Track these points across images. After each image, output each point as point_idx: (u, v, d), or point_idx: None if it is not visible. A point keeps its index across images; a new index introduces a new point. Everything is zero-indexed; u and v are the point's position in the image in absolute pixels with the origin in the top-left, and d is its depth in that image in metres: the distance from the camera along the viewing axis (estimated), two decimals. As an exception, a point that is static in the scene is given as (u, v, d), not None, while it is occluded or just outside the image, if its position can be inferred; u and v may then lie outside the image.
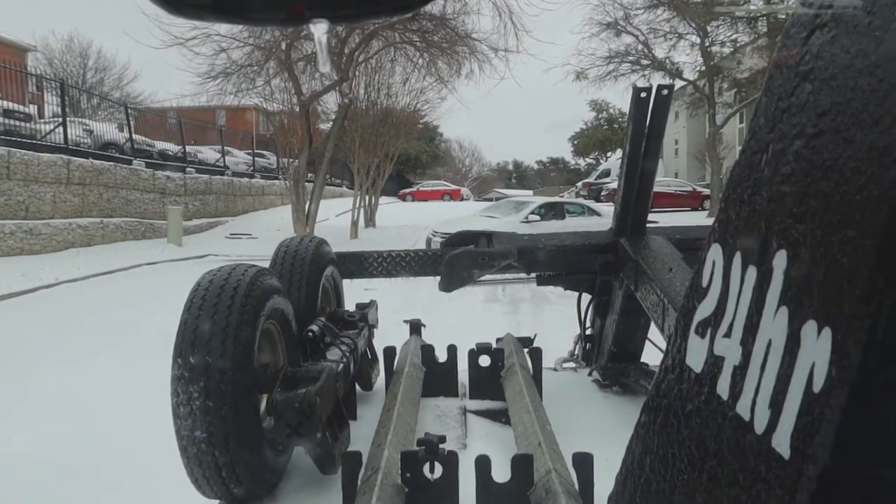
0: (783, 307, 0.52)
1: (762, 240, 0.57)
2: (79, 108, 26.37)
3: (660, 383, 0.73)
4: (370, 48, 20.25)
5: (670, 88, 2.71)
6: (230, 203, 24.88)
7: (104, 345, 7.64)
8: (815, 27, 0.55)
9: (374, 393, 2.63)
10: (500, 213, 19.75)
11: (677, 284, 2.27)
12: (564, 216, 19.02)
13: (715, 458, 0.59)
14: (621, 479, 0.81)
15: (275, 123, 24.62)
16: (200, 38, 17.51)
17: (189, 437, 1.60)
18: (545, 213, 19.14)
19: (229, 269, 1.79)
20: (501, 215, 19.05)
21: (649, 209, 2.87)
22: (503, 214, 19.15)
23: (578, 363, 3.21)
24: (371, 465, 1.62)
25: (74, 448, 4.61)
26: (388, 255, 2.99)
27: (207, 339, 1.61)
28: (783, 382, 0.50)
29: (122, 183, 18.19)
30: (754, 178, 0.60)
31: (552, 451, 1.69)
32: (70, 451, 4.57)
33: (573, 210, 19.97)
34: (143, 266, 15.14)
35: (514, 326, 7.45)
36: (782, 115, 0.57)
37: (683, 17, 26.35)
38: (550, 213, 19.17)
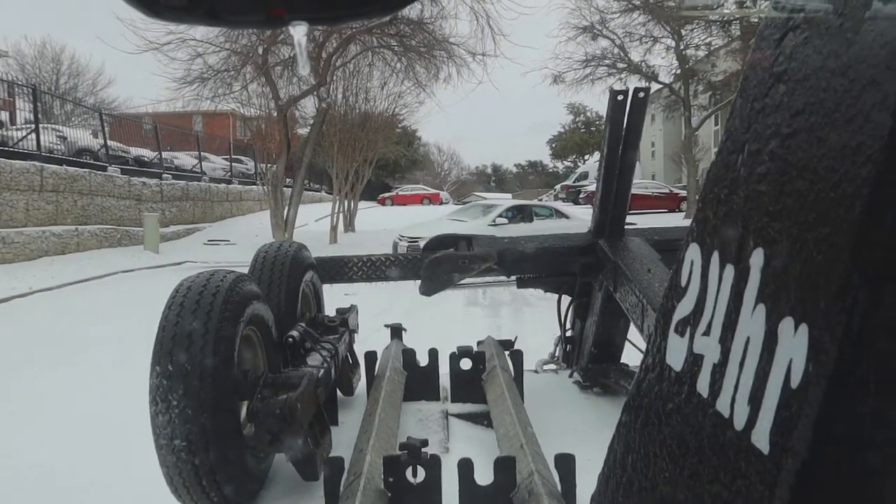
0: (760, 304, 0.52)
1: (739, 238, 0.57)
2: (52, 115, 26.02)
3: (640, 382, 0.74)
4: (348, 52, 20.21)
5: (646, 91, 2.74)
6: (207, 209, 24.66)
7: (79, 354, 7.53)
8: (788, 29, 0.56)
9: (355, 398, 2.62)
10: (467, 216, 19.73)
11: (656, 285, 2.29)
12: (532, 219, 19.04)
13: (696, 456, 0.59)
14: (603, 479, 0.82)
15: (252, 128, 24.46)
16: (176, 43, 17.39)
17: (168, 445, 1.58)
18: (513, 217, 19.14)
19: (208, 276, 1.77)
20: (469, 219, 19.03)
21: (627, 211, 2.89)
22: (471, 218, 19.14)
23: (559, 365, 3.23)
24: (353, 470, 1.61)
25: (40, 458, 4.53)
26: (368, 259, 2.98)
27: (186, 346, 1.60)
28: (761, 379, 0.50)
29: (97, 190, 17.96)
30: (731, 177, 0.61)
31: (534, 452, 1.70)
32: (35, 461, 4.48)
33: (541, 213, 20.00)
34: (119, 274, 14.95)
35: (495, 329, 7.47)
36: (757, 116, 0.58)
37: (658, 21, 26.63)
38: (518, 217, 19.18)
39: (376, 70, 22.03)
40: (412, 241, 16.52)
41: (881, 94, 0.43)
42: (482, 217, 18.99)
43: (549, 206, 22.25)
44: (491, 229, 16.69)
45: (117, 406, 4.61)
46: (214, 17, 0.52)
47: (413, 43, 19.42)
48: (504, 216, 19.04)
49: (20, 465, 4.41)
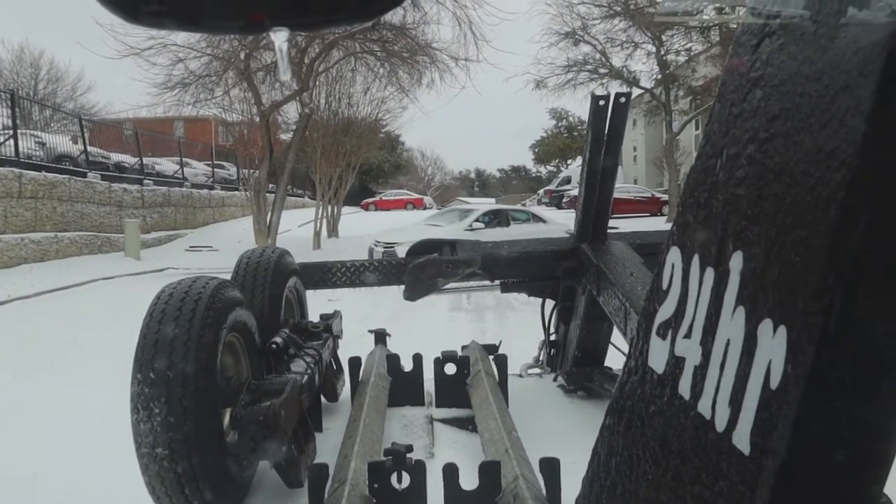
0: (740, 307, 0.53)
1: (719, 242, 0.58)
2: (30, 120, 25.70)
3: (623, 385, 0.74)
4: (330, 58, 20.17)
5: (628, 96, 2.76)
6: (189, 215, 24.48)
7: (58, 362, 7.44)
8: (765, 35, 0.57)
9: (339, 404, 2.61)
10: (444, 221, 19.64)
11: (638, 289, 2.30)
12: (509, 223, 19.02)
13: (678, 457, 0.60)
14: (588, 482, 0.82)
15: (234, 134, 24.33)
16: (157, 48, 17.26)
17: (150, 453, 1.57)
18: (490, 221, 19.10)
19: (190, 282, 1.76)
20: (446, 223, 18.92)
21: (610, 215, 2.91)
22: (447, 223, 19.04)
23: (543, 369, 3.24)
24: (338, 476, 1.61)
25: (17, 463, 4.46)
26: (351, 265, 2.98)
27: (168, 353, 1.58)
28: (742, 380, 0.51)
29: (76, 196, 17.76)
30: (710, 181, 0.62)
31: (519, 456, 1.70)
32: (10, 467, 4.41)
33: (518, 217, 19.97)
34: (100, 281, 14.80)
35: (479, 334, 7.46)
36: (735, 121, 0.59)
37: (639, 27, 26.84)
38: (495, 221, 19.13)
39: (359, 75, 22.03)
40: (388, 247, 16.46)
41: (855, 100, 0.43)
42: (459, 221, 18.92)
43: (527, 211, 22.22)
44: (468, 234, 16.64)
45: (96, 413, 4.56)
46: (194, 22, 0.52)
47: (396, 48, 19.43)
48: (481, 220, 18.99)
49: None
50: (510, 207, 23.59)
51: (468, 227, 18.24)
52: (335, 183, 25.03)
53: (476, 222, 18.75)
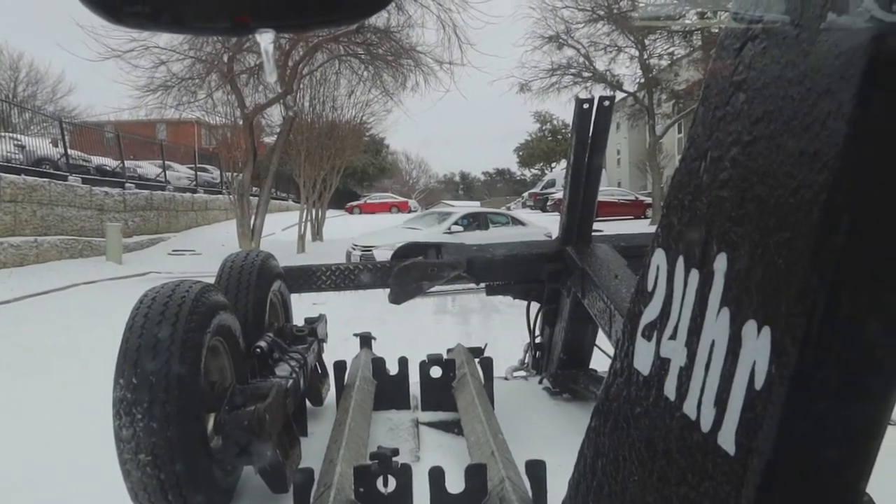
0: (725, 308, 0.53)
1: (703, 243, 0.58)
2: (9, 123, 25.41)
3: (609, 387, 0.75)
4: (315, 61, 20.13)
5: (612, 99, 2.77)
6: (172, 219, 24.29)
7: (39, 367, 7.35)
8: (748, 39, 0.57)
9: (324, 408, 2.60)
10: (422, 224, 19.59)
11: (623, 291, 2.31)
12: (488, 226, 18.96)
13: (664, 458, 0.60)
14: (574, 484, 0.82)
15: (218, 137, 24.20)
16: (139, 51, 17.14)
17: (133, 460, 1.55)
18: (468, 224, 19.04)
19: (173, 286, 1.75)
20: (424, 227, 18.89)
21: (594, 218, 2.92)
22: (426, 226, 19.00)
23: (529, 371, 3.24)
24: (323, 481, 1.60)
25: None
26: (336, 268, 2.97)
27: (151, 357, 1.57)
28: (727, 381, 0.51)
29: (57, 200, 17.57)
30: (694, 184, 0.62)
31: (505, 459, 1.70)
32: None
33: (497, 220, 19.92)
34: (81, 285, 14.63)
35: (465, 337, 7.46)
36: (719, 124, 0.59)
37: (622, 31, 27.03)
38: (474, 224, 19.07)
39: (343, 78, 22.00)
40: (365, 250, 16.42)
41: (836, 103, 0.44)
42: (437, 225, 18.86)
43: (506, 214, 22.25)
44: (446, 236, 16.58)
45: (77, 418, 4.51)
46: (179, 23, 0.51)
47: (380, 51, 19.42)
48: (459, 224, 18.92)
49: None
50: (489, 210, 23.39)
51: (447, 230, 18.17)
52: (319, 186, 24.96)
53: (455, 225, 18.69)
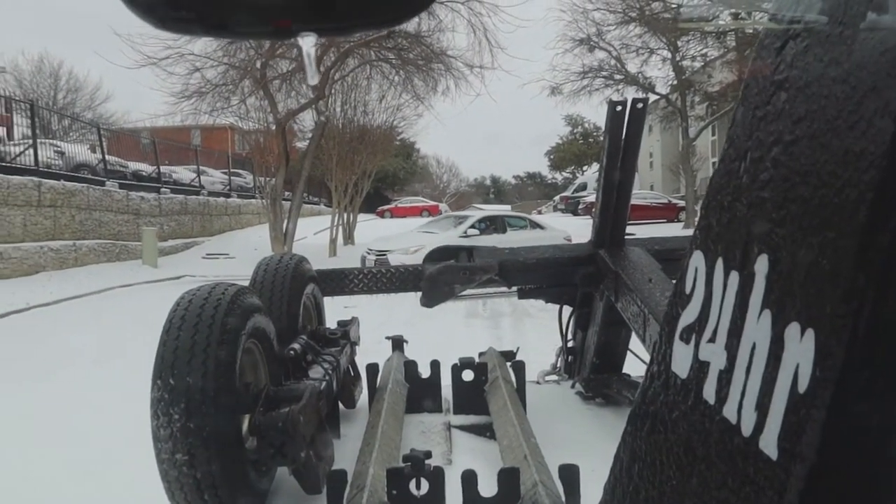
0: (766, 310, 0.52)
1: (743, 245, 0.58)
2: (50, 130, 26.07)
3: (646, 391, 0.74)
4: (346, 66, 20.29)
5: (645, 102, 2.75)
6: (206, 223, 24.66)
7: (76, 369, 7.50)
8: (789, 38, 0.57)
9: (357, 410, 2.62)
10: (438, 228, 19.39)
11: (657, 294, 2.29)
12: (506, 230, 18.61)
13: (703, 463, 0.59)
14: (609, 488, 0.81)
15: (251, 142, 24.52)
16: (174, 58, 17.45)
17: (170, 459, 1.58)
18: (485, 228, 18.74)
19: (209, 289, 1.77)
20: (440, 231, 18.68)
21: (627, 221, 2.90)
22: (441, 230, 18.79)
23: (561, 376, 3.22)
24: (356, 483, 1.61)
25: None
26: (368, 271, 2.99)
27: (188, 360, 1.59)
28: (768, 384, 0.50)
29: (94, 204, 17.96)
30: (733, 185, 0.61)
31: (538, 463, 1.69)
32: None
33: (515, 224, 19.59)
34: (118, 288, 14.92)
35: (496, 341, 7.45)
36: (759, 124, 0.59)
37: (654, 33, 26.79)
38: (491, 228, 18.77)
39: (374, 83, 22.15)
40: (380, 254, 16.38)
41: (882, 101, 0.43)
42: (453, 229, 18.64)
43: (524, 217, 21.83)
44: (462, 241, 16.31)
45: (115, 420, 4.60)
46: (222, 28, 0.52)
47: (411, 56, 19.52)
48: (476, 227, 18.65)
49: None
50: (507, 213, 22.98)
51: (462, 234, 17.88)
52: (351, 190, 25.14)
53: (471, 229, 18.41)
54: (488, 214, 20.72)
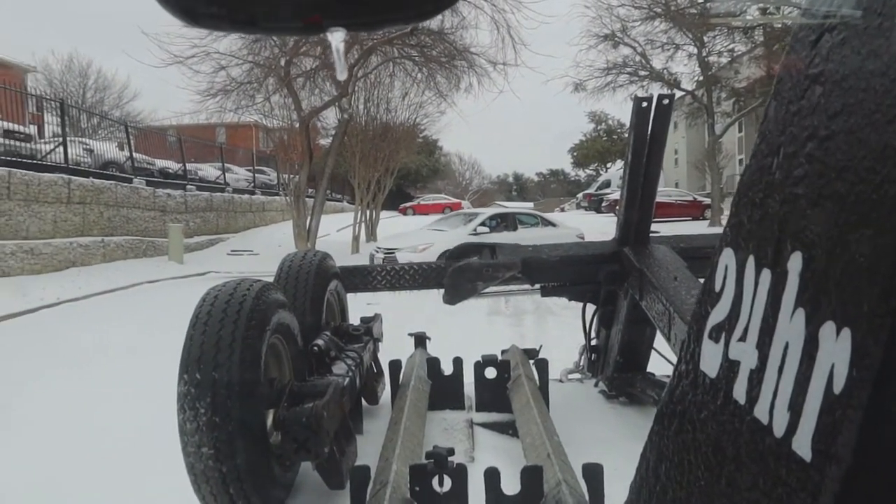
0: (800, 309, 0.51)
1: (776, 242, 0.57)
2: (79, 128, 26.48)
3: (673, 390, 0.73)
4: (369, 63, 20.35)
5: (671, 98, 2.72)
6: (231, 220, 24.91)
7: (104, 362, 7.62)
8: (825, 30, 0.56)
9: (379, 407, 2.62)
10: (447, 225, 19.06)
11: (683, 293, 2.26)
12: (516, 227, 18.25)
13: (733, 464, 0.58)
14: (635, 488, 0.81)
15: (275, 140, 24.70)
16: (200, 56, 17.63)
17: (196, 453, 1.59)
18: (495, 225, 18.39)
19: (234, 284, 1.79)
20: (449, 228, 18.37)
21: (652, 218, 2.87)
22: (451, 227, 18.48)
23: (584, 374, 3.21)
24: (379, 479, 1.61)
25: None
26: (391, 268, 2.99)
27: (214, 355, 1.61)
28: (802, 384, 0.49)
29: (122, 201, 18.22)
30: (766, 181, 0.60)
31: (561, 462, 1.68)
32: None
33: (526, 221, 19.21)
34: (145, 284, 15.14)
35: (518, 338, 7.43)
36: (793, 118, 0.57)
37: (680, 28, 26.51)
38: (501, 225, 18.40)
39: (397, 80, 22.19)
40: (388, 253, 16.29)
41: None
42: (463, 226, 18.27)
43: (535, 214, 21.26)
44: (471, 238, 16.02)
45: (146, 413, 4.66)
46: (252, 24, 0.52)
47: (434, 53, 19.52)
48: (486, 225, 18.29)
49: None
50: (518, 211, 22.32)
51: (472, 231, 17.51)
52: (373, 187, 25.22)
53: (481, 226, 18.07)
54: (499, 212, 20.23)
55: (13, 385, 6.81)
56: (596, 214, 34.04)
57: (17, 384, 6.85)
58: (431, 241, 15.34)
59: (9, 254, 13.63)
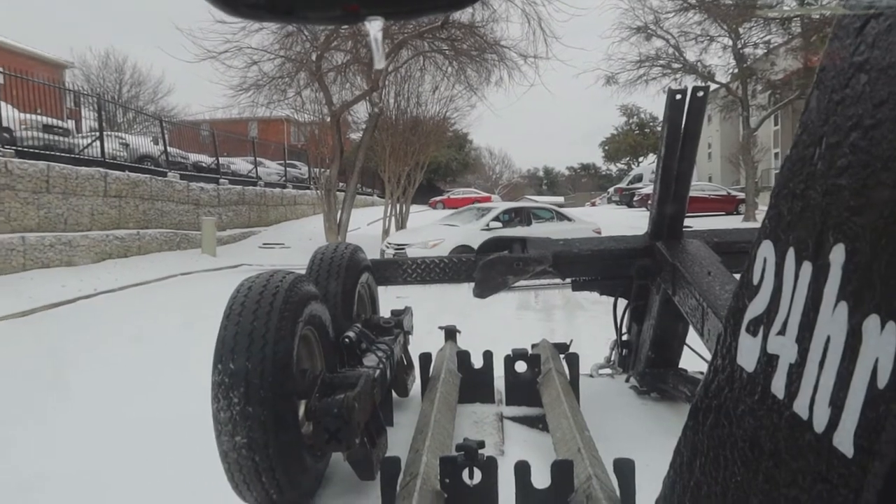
0: (842, 302, 0.50)
1: (817, 234, 0.56)
2: (115, 123, 26.96)
3: (709, 384, 0.72)
4: (400, 57, 20.37)
5: (706, 90, 2.67)
6: (262, 213, 25.17)
7: (139, 353, 7.77)
8: (870, 17, 0.54)
9: (409, 399, 2.63)
10: (459, 220, 18.57)
11: (717, 288, 2.23)
12: (531, 222, 17.83)
13: (771, 459, 0.58)
14: (669, 483, 0.80)
15: (306, 134, 24.86)
16: (232, 51, 17.80)
17: (230, 442, 1.61)
18: (509, 220, 17.88)
19: (268, 276, 1.80)
20: (461, 223, 17.93)
21: (685, 212, 2.83)
22: (463, 222, 17.97)
23: (615, 369, 3.18)
24: (409, 470, 1.62)
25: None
26: (422, 261, 3.00)
27: (247, 345, 1.62)
28: (844, 379, 0.49)
29: (157, 195, 18.52)
30: (807, 172, 0.59)
31: (592, 456, 1.67)
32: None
33: (541, 215, 18.75)
34: (178, 276, 15.38)
35: (548, 333, 7.40)
36: (836, 108, 0.56)
37: (715, 20, 26.08)
38: (516, 220, 17.91)
39: (428, 74, 22.17)
40: (398, 248, 16.14)
41: None
42: (475, 221, 17.80)
43: (550, 209, 20.68)
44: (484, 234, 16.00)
45: (182, 400, 4.75)
46: (290, 14, 0.53)
47: (464, 47, 19.46)
48: (499, 219, 17.81)
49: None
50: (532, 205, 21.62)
51: (485, 226, 16.89)
52: (404, 181, 25.27)
53: (494, 221, 17.52)
54: (514, 206, 19.57)
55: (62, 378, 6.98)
56: (627, 209, 33.72)
57: (72, 370, 7.02)
58: (443, 237, 14.97)
59: (48, 245, 13.94)
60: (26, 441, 5.14)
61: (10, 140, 14.56)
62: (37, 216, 13.98)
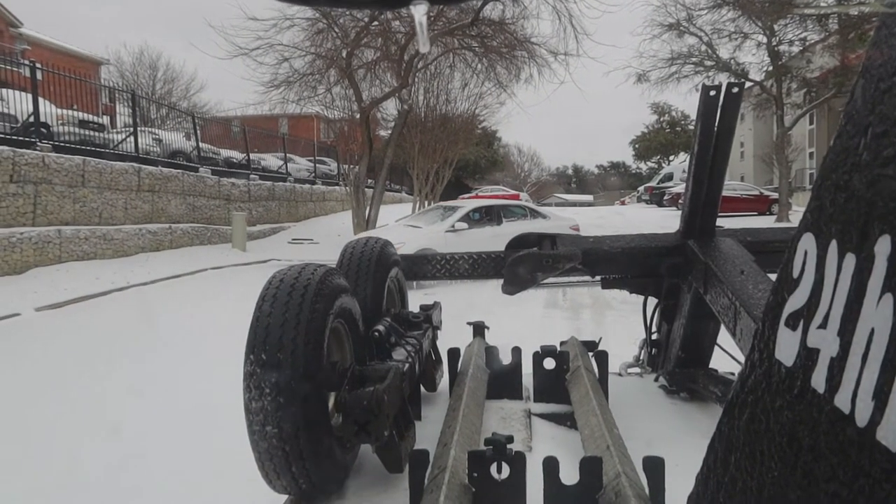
0: (887, 294, 0.49)
1: (862, 226, 0.55)
2: (149, 118, 27.40)
3: (745, 379, 0.71)
4: (429, 54, 20.40)
5: (741, 87, 2.63)
6: (292, 209, 25.38)
7: (171, 344, 7.89)
8: None
9: (438, 394, 2.64)
10: (423, 222, 16.65)
11: (750, 287, 2.20)
12: (501, 221, 16.32)
13: (810, 454, 0.57)
14: (702, 479, 0.79)
15: (335, 130, 25.04)
16: (264, 48, 18.01)
17: (261, 431, 1.63)
18: (479, 219, 16.25)
19: (299, 269, 1.82)
20: (425, 224, 16.18)
21: (718, 210, 2.80)
22: (426, 223, 16.20)
23: (644, 368, 3.15)
24: (438, 464, 1.62)
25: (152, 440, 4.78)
26: (451, 257, 3.00)
27: (279, 336, 1.64)
28: (889, 372, 0.48)
29: (189, 190, 18.78)
30: (851, 162, 0.58)
31: (621, 454, 1.66)
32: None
33: (513, 213, 17.27)
34: (209, 270, 15.59)
35: (576, 331, 7.36)
36: (883, 97, 0.55)
37: (749, 17, 25.68)
38: (485, 219, 16.29)
39: (457, 71, 22.18)
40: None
41: None
42: (440, 222, 15.98)
43: (524, 206, 19.16)
44: (449, 236, 14.75)
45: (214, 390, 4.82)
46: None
47: (494, 44, 19.42)
48: (468, 219, 15.99)
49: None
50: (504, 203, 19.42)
51: (450, 227, 15.44)
52: (432, 178, 25.32)
53: (460, 222, 15.72)
54: (483, 205, 17.74)
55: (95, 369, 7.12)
56: (657, 208, 33.39)
57: (108, 363, 7.16)
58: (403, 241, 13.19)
59: (83, 239, 14.22)
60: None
61: (47, 135, 14.88)
62: (72, 209, 14.26)
